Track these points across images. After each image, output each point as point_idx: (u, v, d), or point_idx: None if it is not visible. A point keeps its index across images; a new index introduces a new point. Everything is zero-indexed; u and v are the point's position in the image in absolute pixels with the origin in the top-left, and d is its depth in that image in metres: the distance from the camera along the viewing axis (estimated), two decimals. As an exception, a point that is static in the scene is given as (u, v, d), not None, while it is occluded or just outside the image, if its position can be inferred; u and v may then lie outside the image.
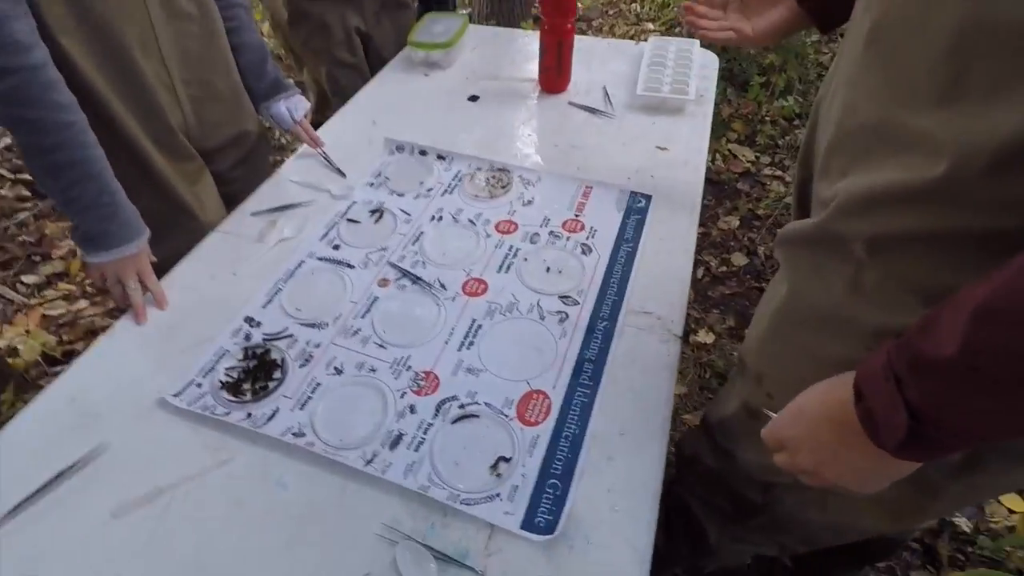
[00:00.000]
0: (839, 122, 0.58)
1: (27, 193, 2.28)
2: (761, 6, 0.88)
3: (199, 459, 0.70)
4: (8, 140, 2.56)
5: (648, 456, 0.69)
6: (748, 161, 2.40)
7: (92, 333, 1.77)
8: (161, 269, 0.93)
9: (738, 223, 2.14)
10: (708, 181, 2.37)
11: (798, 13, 0.83)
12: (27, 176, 2.36)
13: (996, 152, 0.41)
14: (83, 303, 1.86)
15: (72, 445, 0.71)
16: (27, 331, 1.71)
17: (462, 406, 0.74)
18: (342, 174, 1.11)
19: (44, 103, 0.76)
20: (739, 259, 2.01)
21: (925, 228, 0.48)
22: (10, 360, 1.62)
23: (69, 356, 1.69)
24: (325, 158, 1.13)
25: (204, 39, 1.00)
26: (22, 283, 1.93)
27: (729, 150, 2.45)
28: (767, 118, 2.58)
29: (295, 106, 1.14)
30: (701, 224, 2.14)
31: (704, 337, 1.75)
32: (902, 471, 0.47)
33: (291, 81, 1.20)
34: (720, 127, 2.51)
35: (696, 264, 1.93)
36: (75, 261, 1.99)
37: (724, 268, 1.99)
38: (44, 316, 1.81)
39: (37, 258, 2.03)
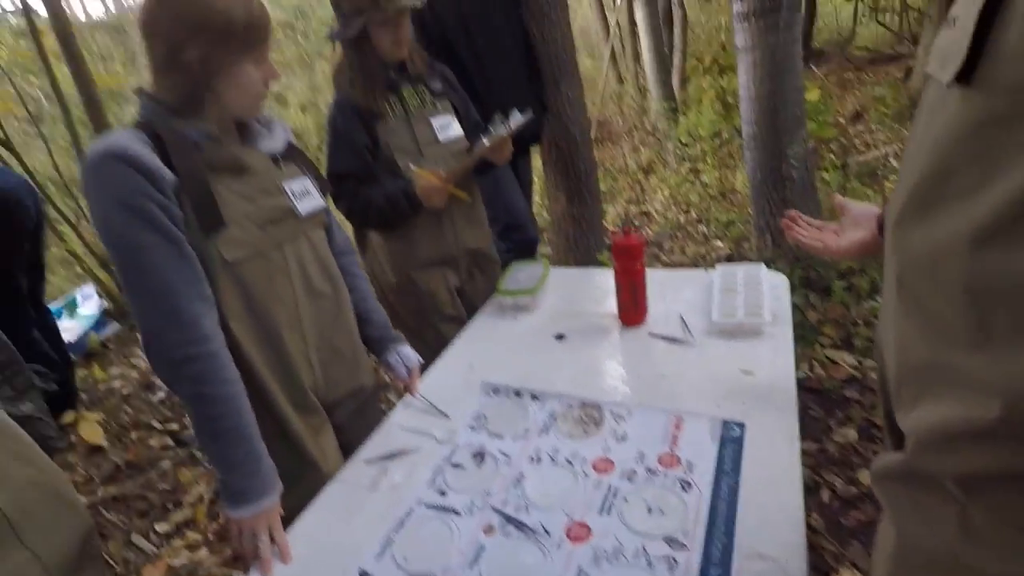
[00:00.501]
0: (898, 357, 0.59)
1: (170, 443, 2.57)
2: (850, 227, 1.00)
3: None
4: (162, 395, 2.97)
5: None
6: (850, 366, 2.31)
7: (207, 582, 1.83)
8: (288, 519, 1.02)
9: (856, 435, 1.99)
10: (811, 391, 2.31)
11: (877, 239, 0.93)
12: (173, 426, 2.68)
13: None
14: (204, 552, 1.96)
15: None
16: (152, 582, 1.80)
17: (576, 672, 0.70)
18: (445, 416, 1.21)
19: (218, 379, 0.95)
20: (868, 477, 1.83)
21: (1009, 467, 0.46)
22: (134, 614, 1.68)
23: (185, 609, 1.73)
24: (428, 402, 1.25)
25: (335, 311, 1.22)
26: (155, 531, 2.08)
27: (826, 356, 2.39)
28: (859, 320, 2.55)
29: (408, 355, 1.33)
30: (815, 439, 2.00)
31: (849, 578, 1.53)
32: None
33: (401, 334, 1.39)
34: (811, 333, 2.49)
35: (818, 485, 1.82)
36: (200, 508, 2.15)
37: (853, 489, 1.81)
38: (169, 567, 1.90)
39: (171, 505, 2.21)
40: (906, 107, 5.26)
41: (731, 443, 1.00)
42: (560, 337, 1.45)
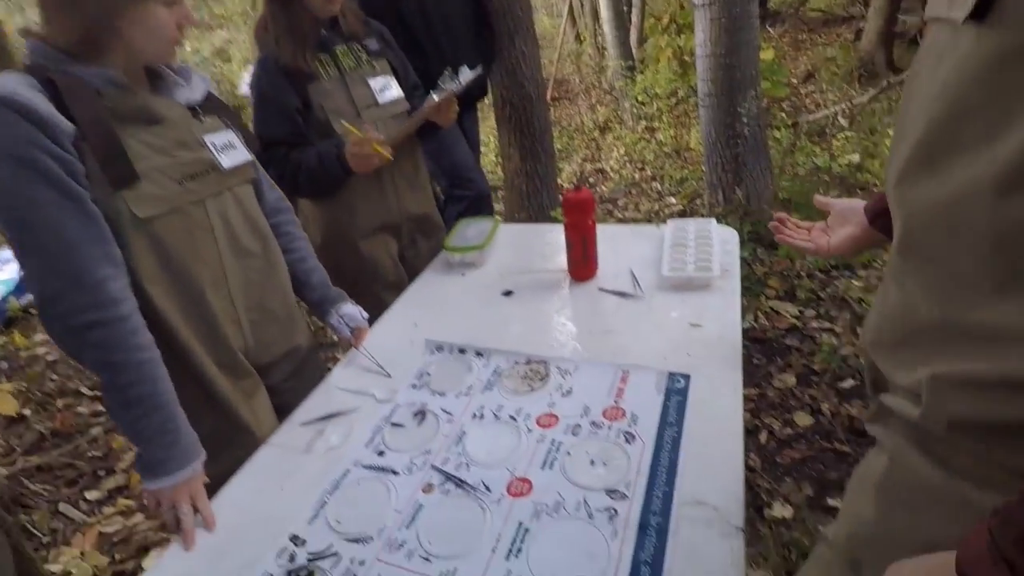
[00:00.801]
0: (903, 318, 0.57)
1: (101, 409, 2.44)
2: (837, 224, 0.95)
3: None
4: (92, 360, 2.81)
5: None
6: (792, 316, 2.39)
7: (144, 549, 1.76)
8: (216, 485, 0.96)
9: (795, 380, 2.08)
10: (755, 340, 2.38)
11: (869, 231, 0.89)
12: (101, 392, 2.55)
13: None
14: (139, 517, 1.88)
15: None
16: (82, 553, 1.71)
17: (513, 629, 0.69)
18: (387, 375, 1.16)
19: (128, 346, 0.86)
20: (803, 419, 1.91)
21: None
22: (63, 585, 1.61)
23: (119, 577, 1.67)
24: (372, 360, 1.20)
25: (265, 271, 1.13)
26: (85, 500, 1.98)
27: (771, 307, 2.46)
28: (803, 273, 2.62)
29: (351, 315, 1.26)
30: (755, 384, 2.08)
31: (781, 511, 1.60)
32: None
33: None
34: (757, 285, 2.56)
35: (757, 428, 1.88)
36: (135, 474, 2.05)
37: (789, 430, 1.89)
38: (101, 534, 1.82)
39: (102, 472, 2.11)
40: (855, 68, 5.35)
41: (675, 394, 0.99)
42: (508, 293, 1.41)
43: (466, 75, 1.51)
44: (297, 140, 1.45)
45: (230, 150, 1.05)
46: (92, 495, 1.99)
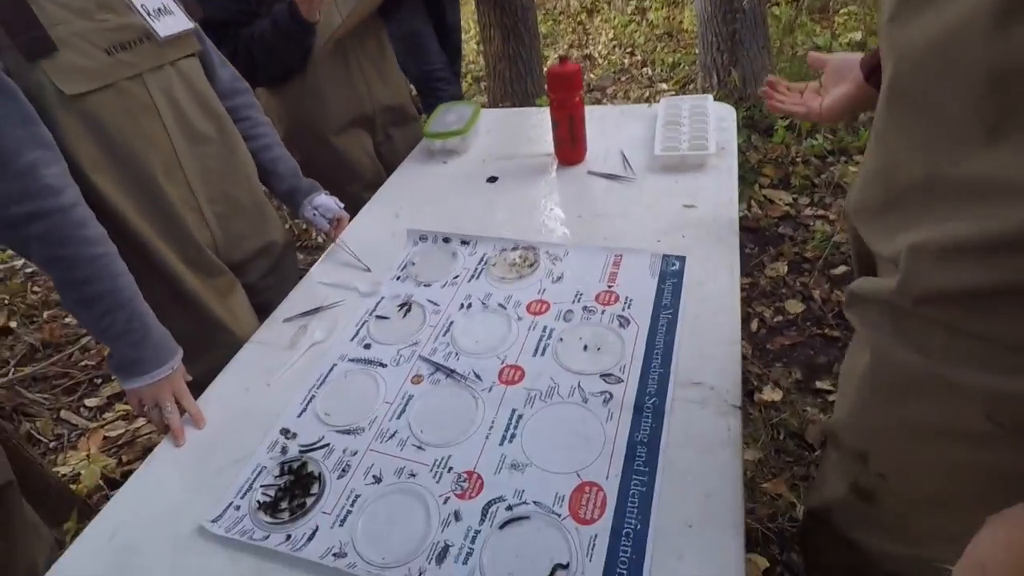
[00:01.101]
0: (885, 181, 0.54)
1: (88, 319, 2.41)
2: (832, 83, 0.87)
3: (237, 593, 0.66)
4: (71, 271, 2.74)
5: (724, 550, 0.61)
6: (786, 204, 2.34)
7: (149, 450, 1.79)
8: (200, 386, 0.93)
9: (787, 269, 2.06)
10: (748, 229, 2.34)
11: (865, 88, 0.80)
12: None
13: None
14: (140, 421, 1.90)
15: (111, 587, 0.68)
16: (88, 455, 1.74)
17: (510, 507, 0.69)
18: (367, 269, 1.12)
19: (75, 240, 0.79)
20: (795, 306, 1.91)
21: (1006, 280, 0.43)
22: (73, 487, 1.64)
23: (128, 477, 1.70)
24: (350, 253, 1.14)
25: (225, 158, 1.05)
26: (85, 407, 2.00)
27: (764, 196, 2.40)
28: (798, 159, 2.53)
29: (326, 206, 1.18)
30: (747, 274, 2.07)
31: (771, 395, 1.63)
32: None
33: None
34: (751, 173, 2.48)
35: (749, 316, 1.88)
36: (131, 380, 2.06)
37: (780, 317, 1.89)
38: (105, 438, 1.85)
39: (99, 380, 2.11)
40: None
41: (671, 277, 0.96)
42: (493, 180, 1.33)
43: None
44: (248, 18, 1.30)
45: (166, 16, 0.93)
46: (91, 402, 2.00)
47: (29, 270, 2.75)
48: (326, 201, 1.19)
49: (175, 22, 0.94)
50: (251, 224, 1.11)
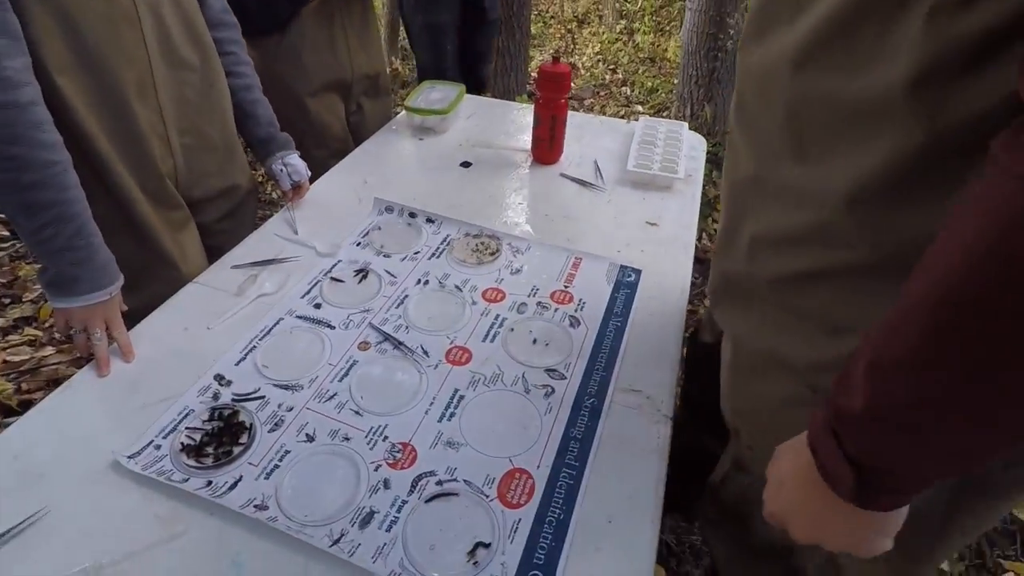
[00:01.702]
0: (728, 175, 0.66)
1: (5, 232, 2.24)
2: None
3: (148, 531, 0.64)
4: (-7, 180, 2.54)
5: (638, 548, 0.64)
6: (733, 241, 2.44)
7: (55, 383, 1.68)
8: (135, 318, 0.89)
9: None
10: (696, 260, 2.42)
11: None
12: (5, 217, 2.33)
13: (847, 198, 0.48)
14: (49, 350, 1.78)
15: (10, 509, 0.64)
16: (-17, 377, 1.62)
17: (440, 483, 0.70)
18: (295, 232, 1.09)
19: (28, 140, 0.74)
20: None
21: (817, 267, 0.53)
22: (-40, 407, 1.53)
23: (26, 406, 1.60)
24: (291, 218, 1.12)
25: (203, 90, 1.01)
26: (-14, 326, 1.86)
27: (715, 230, 2.49)
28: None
29: (296, 167, 1.15)
30: (689, 302, 2.14)
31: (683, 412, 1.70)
32: (888, 525, 0.46)
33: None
34: (706, 208, 2.57)
35: (684, 340, 1.95)
36: (45, 306, 1.93)
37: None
38: (5, 361, 1.72)
39: (7, 300, 1.96)
40: None
41: (625, 287, 0.99)
42: (466, 165, 1.34)
43: None
44: None
45: None
46: (-6, 322, 1.86)
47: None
48: (297, 163, 1.15)
49: None
50: (217, 163, 1.06)
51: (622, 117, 3.45)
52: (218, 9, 1.06)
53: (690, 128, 1.47)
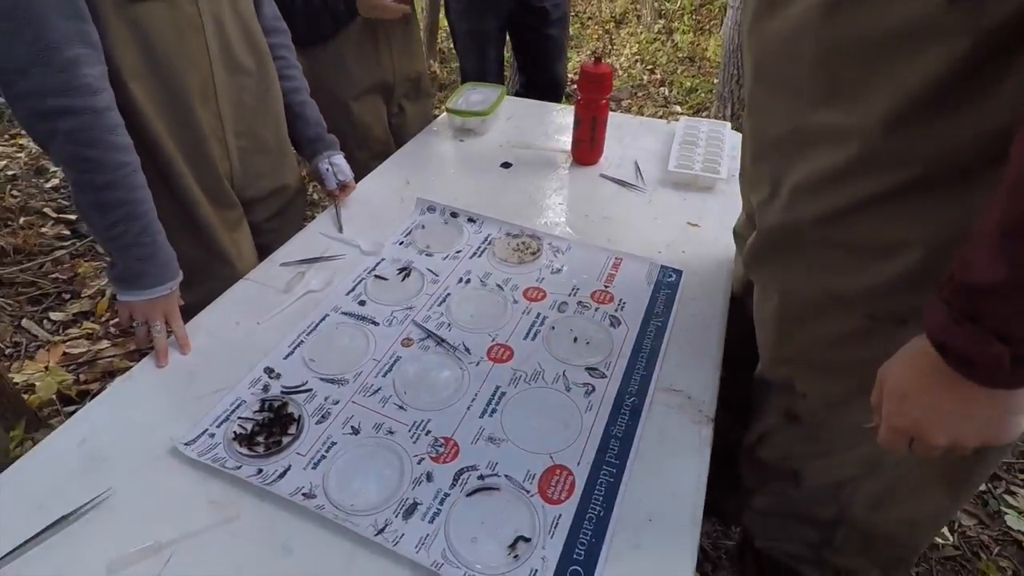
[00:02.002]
0: (756, 139, 0.71)
1: (67, 232, 2.36)
2: None
3: (204, 514, 0.67)
4: (56, 181, 2.68)
5: (678, 547, 0.64)
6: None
7: (110, 375, 1.77)
8: (190, 313, 0.94)
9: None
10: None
11: None
12: (69, 216, 2.45)
13: (884, 125, 0.53)
14: (105, 343, 1.87)
15: (77, 490, 0.68)
16: (46, 368, 1.71)
17: (481, 477, 0.71)
18: (340, 230, 1.12)
19: (104, 143, 0.79)
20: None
21: (862, 197, 0.58)
22: (26, 397, 1.61)
23: (84, 396, 1.68)
24: (336, 223, 1.15)
25: (259, 94, 1.05)
26: (49, 320, 1.96)
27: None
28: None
29: (341, 167, 1.19)
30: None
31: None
32: (1021, 401, 0.48)
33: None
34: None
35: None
36: (102, 301, 2.03)
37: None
38: (65, 354, 1.82)
39: (67, 295, 2.07)
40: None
41: (665, 288, 0.99)
42: (507, 165, 1.35)
43: None
44: None
45: None
46: (56, 316, 1.96)
47: (11, 172, 2.68)
48: (342, 163, 1.19)
49: None
50: (270, 164, 1.11)
51: (660, 118, 3.43)
52: (271, 16, 1.10)
53: (732, 126, 1.45)
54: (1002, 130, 0.46)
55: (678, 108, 3.55)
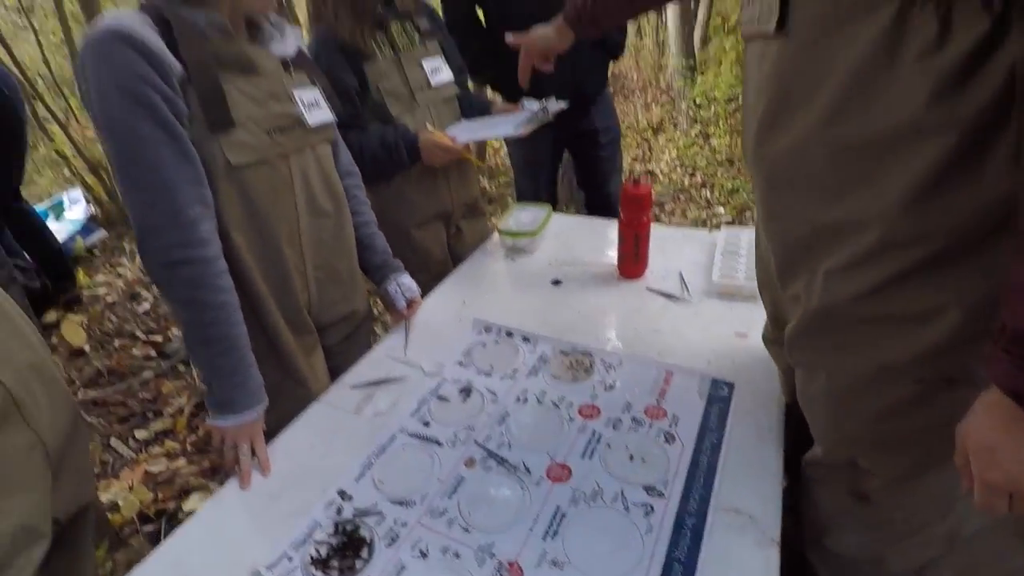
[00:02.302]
0: (782, 242, 0.77)
1: (153, 353, 2.57)
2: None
3: (283, 642, 0.70)
4: (147, 305, 2.95)
5: None
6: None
7: (185, 492, 1.86)
8: (269, 434, 1.02)
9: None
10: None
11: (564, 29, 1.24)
12: (156, 338, 2.68)
13: (902, 207, 0.59)
14: (181, 461, 1.98)
15: (169, 616, 0.73)
16: (130, 487, 1.82)
17: (545, 603, 0.72)
18: (406, 348, 1.20)
19: (212, 287, 0.92)
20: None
21: (894, 272, 0.62)
22: (109, 515, 1.71)
23: (160, 514, 1.76)
24: (405, 338, 1.24)
25: (335, 232, 1.19)
26: (134, 438, 2.10)
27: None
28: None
29: (408, 286, 1.31)
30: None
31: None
32: None
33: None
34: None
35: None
36: (181, 419, 2.16)
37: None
38: (146, 472, 1.93)
39: (151, 414, 2.22)
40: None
41: (718, 401, 1.01)
42: (557, 283, 1.43)
43: (554, 106, 1.52)
44: (353, 122, 1.45)
45: (315, 108, 1.09)
46: (140, 434, 2.11)
47: (111, 299, 2.97)
48: (409, 281, 1.31)
49: (321, 114, 1.11)
50: (343, 292, 1.23)
51: (703, 220, 3.52)
52: (346, 162, 1.27)
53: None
54: (1002, 197, 0.54)
55: (721, 209, 3.65)
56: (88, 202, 3.90)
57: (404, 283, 1.31)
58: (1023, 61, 0.50)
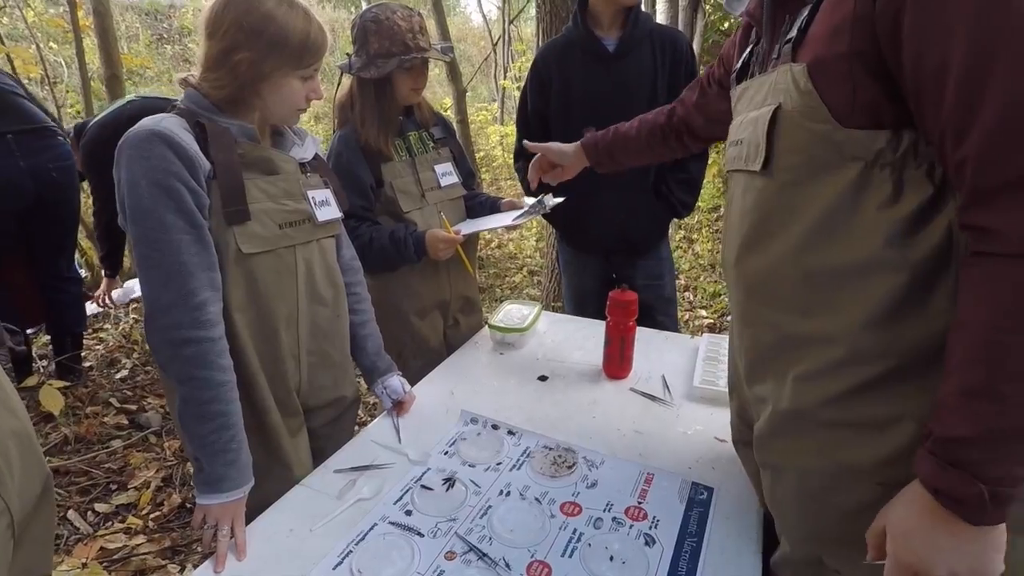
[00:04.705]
0: (755, 347, 0.84)
1: (126, 423, 2.51)
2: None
3: None
4: (125, 372, 2.91)
5: None
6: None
7: (141, 572, 1.76)
8: (247, 515, 1.00)
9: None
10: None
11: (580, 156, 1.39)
12: (131, 407, 2.62)
13: (864, 326, 0.68)
14: (141, 539, 1.89)
15: None
16: (84, 564, 1.73)
17: None
18: (405, 455, 1.19)
19: (214, 365, 0.95)
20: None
21: (857, 382, 0.69)
22: (57, 595, 1.61)
23: (113, 597, 1.66)
24: (396, 429, 1.26)
25: (331, 319, 1.23)
26: (93, 511, 2.01)
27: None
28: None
29: (394, 389, 1.34)
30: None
31: None
32: (1001, 541, 0.59)
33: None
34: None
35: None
36: (146, 493, 2.09)
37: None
38: (102, 548, 1.84)
39: (114, 486, 2.14)
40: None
41: (698, 505, 1.02)
42: (543, 379, 1.47)
43: (551, 201, 1.64)
44: (366, 215, 1.57)
45: (325, 206, 1.18)
46: (101, 507, 2.02)
47: (88, 365, 2.93)
48: (396, 385, 1.34)
49: (330, 211, 1.19)
50: (334, 377, 1.25)
51: (685, 323, 3.62)
52: (348, 258, 1.34)
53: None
54: (946, 327, 0.62)
55: (703, 312, 3.76)
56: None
57: (391, 386, 1.34)
58: (956, 222, 0.62)
